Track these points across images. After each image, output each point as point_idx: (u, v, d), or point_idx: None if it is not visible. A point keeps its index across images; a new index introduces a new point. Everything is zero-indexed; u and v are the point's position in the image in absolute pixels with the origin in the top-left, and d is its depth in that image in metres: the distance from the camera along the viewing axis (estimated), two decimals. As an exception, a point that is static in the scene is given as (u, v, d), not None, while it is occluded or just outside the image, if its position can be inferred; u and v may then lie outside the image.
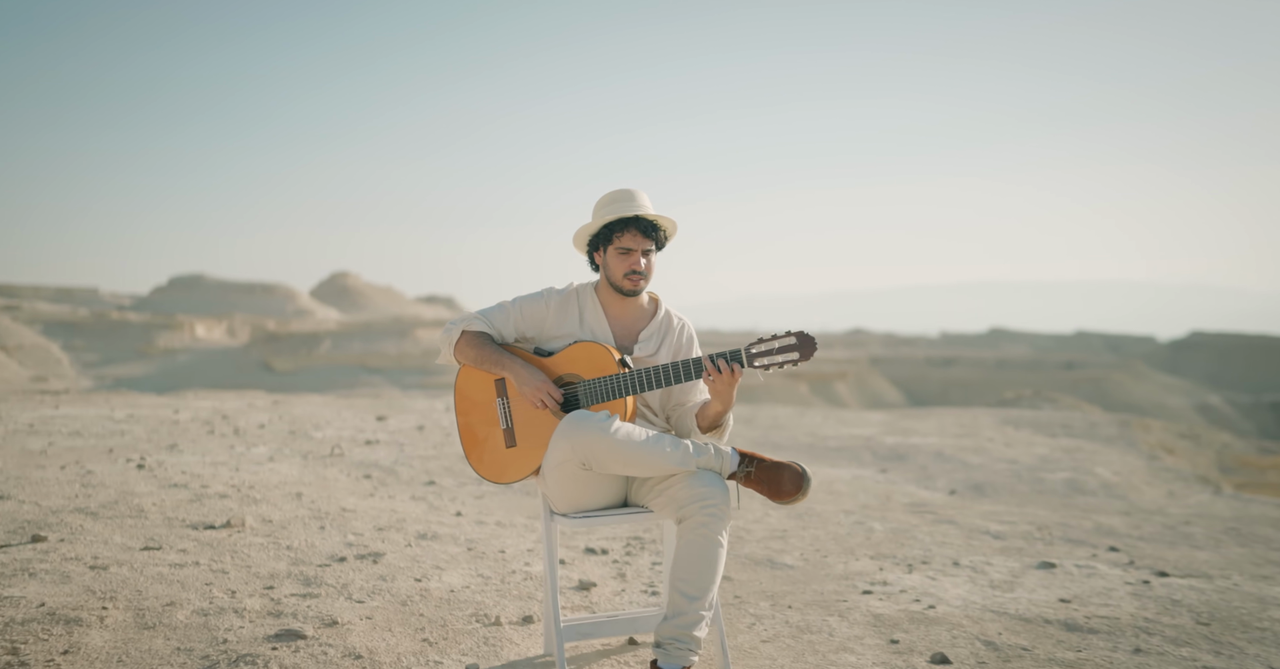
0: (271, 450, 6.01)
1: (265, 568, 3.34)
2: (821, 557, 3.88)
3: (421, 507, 4.64)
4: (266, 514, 4.13)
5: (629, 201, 2.58)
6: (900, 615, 3.05)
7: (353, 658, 2.56)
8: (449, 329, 2.69)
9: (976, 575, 3.58)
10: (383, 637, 2.73)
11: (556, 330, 2.66)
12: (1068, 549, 4.10)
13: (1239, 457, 9.48)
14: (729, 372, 2.40)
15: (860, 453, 7.18)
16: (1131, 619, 3.00)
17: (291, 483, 4.97)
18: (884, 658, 2.66)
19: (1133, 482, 6.17)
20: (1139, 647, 2.74)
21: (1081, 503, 5.36)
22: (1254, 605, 3.17)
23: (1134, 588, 3.39)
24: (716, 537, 2.37)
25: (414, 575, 3.35)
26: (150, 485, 4.60)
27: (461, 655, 2.63)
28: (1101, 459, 6.91)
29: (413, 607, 3.01)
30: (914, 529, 4.43)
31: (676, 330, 2.71)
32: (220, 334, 76.52)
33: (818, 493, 5.39)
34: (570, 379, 2.58)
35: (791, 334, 2.37)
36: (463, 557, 3.67)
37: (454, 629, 2.83)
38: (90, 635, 2.60)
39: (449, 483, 5.36)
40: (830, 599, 3.24)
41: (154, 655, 2.51)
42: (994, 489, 5.71)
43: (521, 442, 2.59)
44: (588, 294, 2.69)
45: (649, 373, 2.46)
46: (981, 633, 2.87)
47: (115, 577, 3.09)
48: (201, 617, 2.80)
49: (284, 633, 2.70)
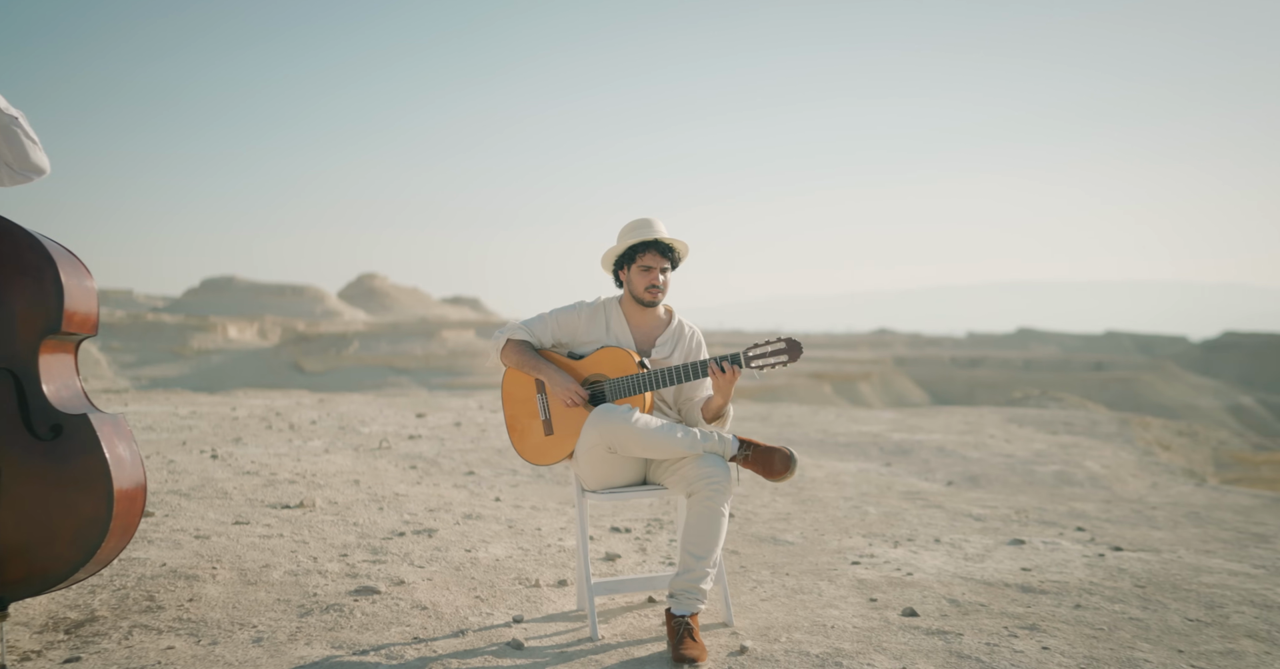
0: (326, 444, 6.61)
1: (338, 539, 3.91)
2: (819, 535, 4.39)
3: (464, 493, 5.20)
4: (331, 497, 4.71)
5: (649, 228, 3.11)
6: (881, 580, 3.56)
7: (420, 609, 3.11)
8: (497, 337, 3.23)
9: (953, 550, 4.08)
10: (442, 593, 3.28)
11: (586, 337, 3.19)
12: (1039, 529, 4.59)
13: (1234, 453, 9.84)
14: (731, 371, 2.93)
15: (867, 448, 7.66)
16: (1079, 583, 3.50)
17: (347, 472, 5.55)
18: (863, 612, 3.17)
19: (1119, 474, 6.61)
20: (1079, 603, 3.24)
21: (1066, 492, 5.82)
22: (1189, 573, 3.65)
23: (1089, 560, 3.87)
24: (720, 508, 2.89)
25: (464, 547, 3.90)
26: (226, 473, 5.20)
27: (508, 609, 3.17)
28: (1094, 454, 7.35)
29: (465, 571, 3.56)
30: (904, 513, 4.93)
31: (688, 337, 3.23)
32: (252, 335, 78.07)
33: (822, 481, 5.89)
34: (597, 378, 3.12)
35: (781, 339, 2.89)
36: (504, 533, 4.22)
37: (500, 589, 3.38)
38: (207, 588, 3.18)
39: (487, 473, 5.92)
40: (823, 568, 3.75)
41: (260, 604, 3.08)
42: (987, 480, 6.17)
43: (558, 431, 3.13)
44: (613, 306, 3.22)
45: (664, 373, 2.98)
46: (948, 594, 3.38)
47: (217, 544, 3.67)
48: (292, 576, 3.37)
49: (362, 589, 3.26)
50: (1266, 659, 2.77)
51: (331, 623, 2.95)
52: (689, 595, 2.85)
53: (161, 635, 2.79)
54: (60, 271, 2.46)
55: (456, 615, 3.08)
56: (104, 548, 2.45)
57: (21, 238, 2.46)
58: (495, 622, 3.05)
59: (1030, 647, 2.83)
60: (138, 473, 2.55)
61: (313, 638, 2.82)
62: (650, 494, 3.11)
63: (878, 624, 3.04)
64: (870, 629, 2.99)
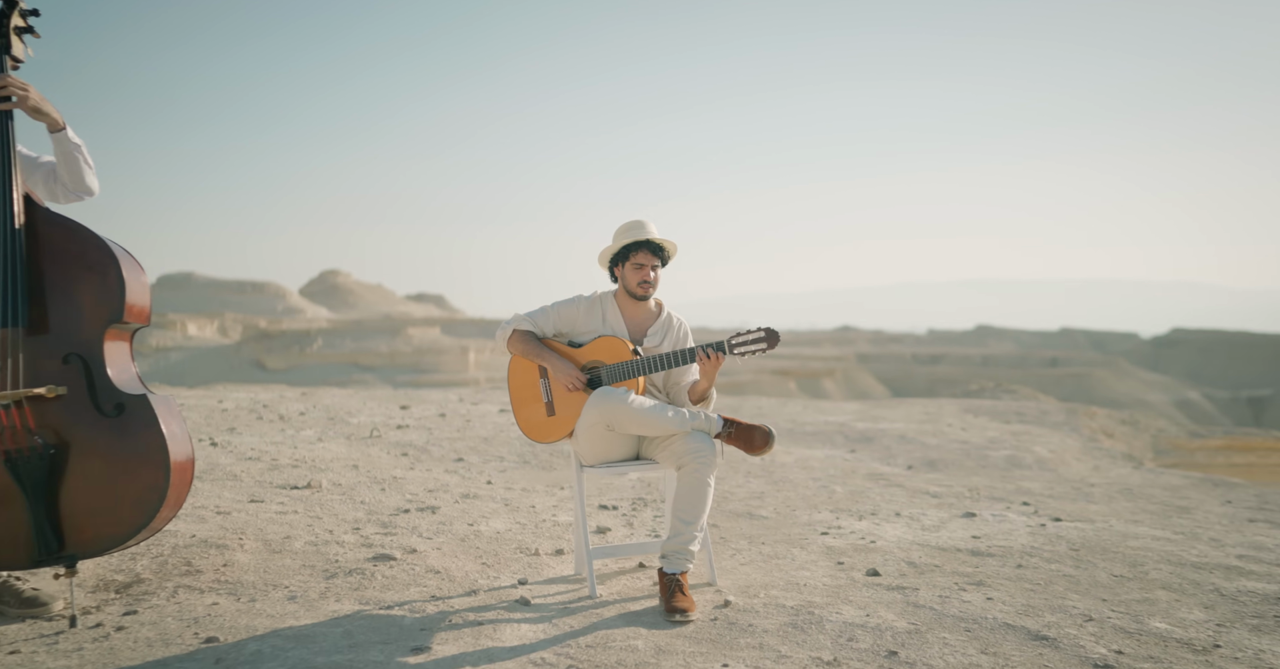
0: (318, 433, 6.88)
1: (349, 515, 4.22)
2: (790, 510, 4.78)
3: (456, 477, 5.52)
4: (335, 479, 5.01)
5: (641, 229, 3.46)
6: (848, 547, 3.96)
7: (433, 573, 3.44)
8: (504, 327, 3.56)
9: (912, 522, 4.49)
10: (452, 560, 3.61)
11: (585, 327, 3.54)
12: (989, 504, 5.03)
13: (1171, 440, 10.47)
14: (715, 357, 3.29)
15: (833, 436, 8.09)
16: (1022, 548, 3.92)
17: (344, 458, 5.85)
18: (831, 573, 3.56)
19: (1065, 458, 7.11)
20: (1020, 564, 3.66)
21: (1015, 474, 6.29)
22: (1117, 539, 4.10)
23: (1031, 529, 4.31)
24: (706, 479, 3.26)
25: (466, 522, 4.24)
26: (230, 458, 5.47)
27: (513, 573, 3.51)
28: (1043, 441, 7.86)
29: (470, 542, 3.89)
30: (868, 491, 5.34)
31: (676, 327, 3.60)
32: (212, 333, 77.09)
33: (791, 466, 6.30)
34: (595, 364, 3.46)
35: (761, 329, 3.26)
36: (501, 510, 4.55)
37: (504, 557, 3.72)
38: (237, 556, 3.48)
39: (475, 460, 6.24)
40: (794, 538, 4.14)
41: (287, 569, 3.39)
42: (944, 464, 6.62)
43: (559, 412, 3.47)
44: (609, 299, 3.57)
45: (655, 359, 3.34)
46: (907, 557, 3.78)
47: (238, 519, 3.97)
48: (313, 546, 3.68)
49: (379, 556, 3.58)
50: (1176, 604, 3.20)
51: (355, 584, 3.27)
52: (679, 556, 3.21)
53: (204, 594, 3.10)
54: (122, 268, 2.76)
55: (467, 578, 3.42)
56: (160, 514, 2.75)
57: (89, 238, 2.75)
58: (502, 584, 3.39)
59: (977, 598, 3.23)
60: (188, 447, 2.86)
61: (341, 596, 3.14)
62: (640, 469, 3.47)
63: (844, 582, 3.43)
64: (838, 586, 3.37)
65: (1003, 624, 2.97)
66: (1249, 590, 3.37)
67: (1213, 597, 3.30)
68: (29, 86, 2.77)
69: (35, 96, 2.77)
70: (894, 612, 3.08)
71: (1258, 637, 2.91)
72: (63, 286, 2.71)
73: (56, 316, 2.70)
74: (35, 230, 2.73)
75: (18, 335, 2.65)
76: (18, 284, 2.66)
